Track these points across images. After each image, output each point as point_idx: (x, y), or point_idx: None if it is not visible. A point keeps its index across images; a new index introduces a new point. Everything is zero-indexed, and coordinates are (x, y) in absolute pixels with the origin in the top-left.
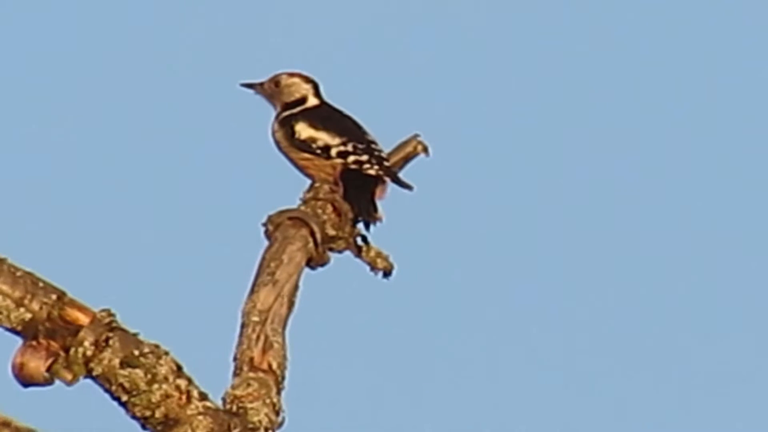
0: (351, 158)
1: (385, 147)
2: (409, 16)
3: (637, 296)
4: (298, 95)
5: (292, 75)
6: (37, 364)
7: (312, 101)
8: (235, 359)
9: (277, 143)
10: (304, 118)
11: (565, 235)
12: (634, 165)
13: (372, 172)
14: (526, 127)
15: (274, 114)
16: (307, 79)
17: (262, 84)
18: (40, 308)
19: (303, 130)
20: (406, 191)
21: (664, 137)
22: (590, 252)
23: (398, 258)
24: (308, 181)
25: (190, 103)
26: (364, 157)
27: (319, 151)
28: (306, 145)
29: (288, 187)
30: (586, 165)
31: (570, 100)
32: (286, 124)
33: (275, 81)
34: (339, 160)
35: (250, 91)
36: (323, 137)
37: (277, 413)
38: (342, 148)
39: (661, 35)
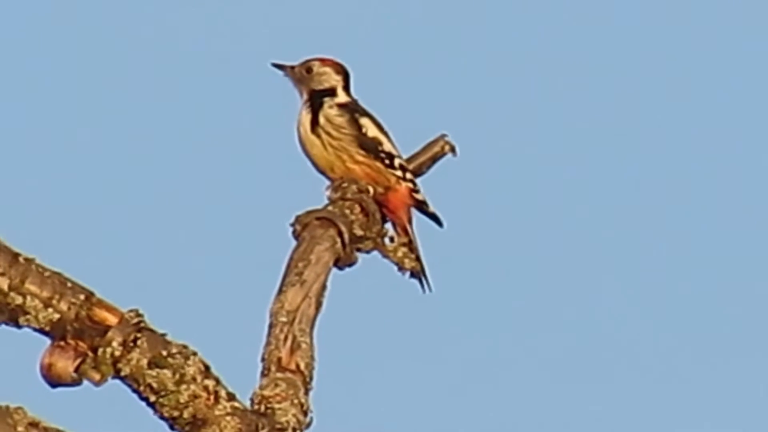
0: (408, 175)
1: (412, 147)
2: (435, 14)
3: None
4: (327, 85)
5: (324, 62)
6: (65, 365)
7: (341, 94)
8: (262, 359)
9: (336, 128)
10: (365, 114)
11: (589, 232)
12: (665, 165)
13: (420, 197)
14: (551, 126)
15: (303, 100)
16: (338, 70)
17: (293, 67)
18: (69, 308)
19: (369, 128)
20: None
21: (684, 138)
22: (615, 249)
23: (425, 258)
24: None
25: (218, 103)
26: (414, 177)
27: (383, 155)
28: (372, 145)
29: (315, 186)
30: (609, 164)
31: (593, 98)
32: (349, 113)
33: (307, 67)
34: (399, 173)
35: (274, 91)
36: (386, 142)
37: (305, 414)
38: (401, 161)
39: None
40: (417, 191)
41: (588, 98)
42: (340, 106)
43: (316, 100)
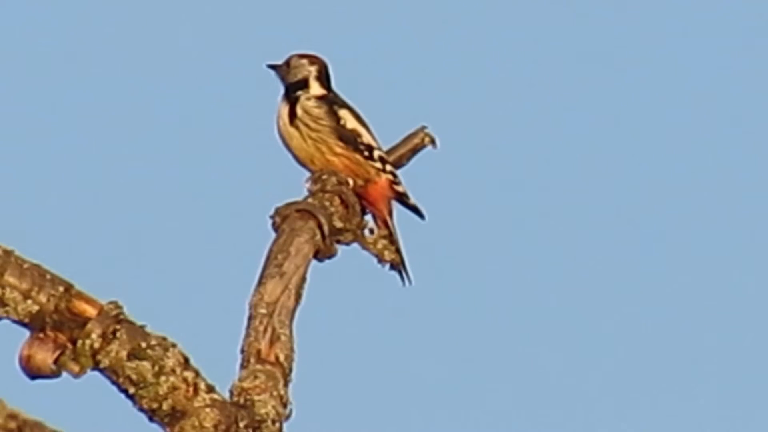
0: (389, 167)
1: (392, 139)
2: (415, 6)
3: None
4: (300, 76)
5: (301, 56)
6: (45, 357)
7: (314, 85)
8: (242, 351)
9: (314, 119)
10: (343, 106)
11: (570, 228)
12: (646, 161)
13: (401, 189)
14: (532, 118)
15: (282, 94)
16: (313, 61)
17: (281, 65)
18: (48, 300)
19: (348, 119)
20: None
21: (670, 135)
22: (598, 241)
23: (406, 250)
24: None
25: (199, 96)
26: (394, 169)
27: (362, 147)
28: (351, 137)
29: (295, 178)
30: (590, 155)
31: (574, 90)
32: (327, 105)
33: (287, 62)
34: (379, 165)
35: (254, 82)
36: (365, 134)
37: (285, 405)
38: (380, 153)
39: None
40: (397, 183)
41: (569, 90)
42: (318, 98)
43: (291, 92)
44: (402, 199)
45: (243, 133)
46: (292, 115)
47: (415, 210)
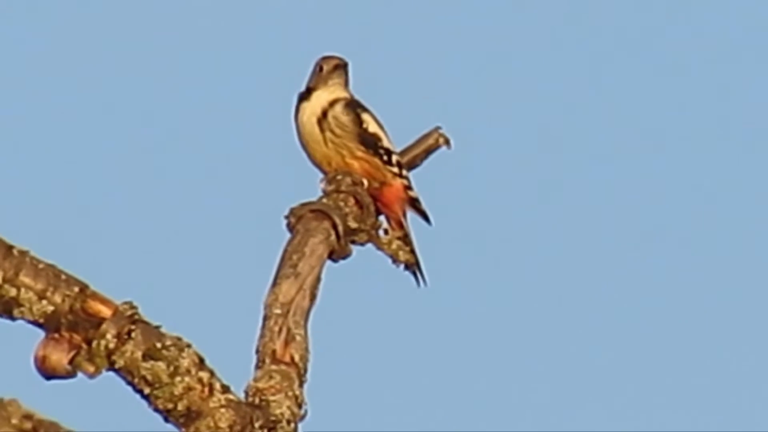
0: (405, 172)
1: (406, 140)
2: (430, 5)
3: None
4: (331, 83)
5: (330, 60)
6: (60, 357)
7: (344, 91)
8: (257, 352)
9: (341, 125)
10: (366, 110)
11: (586, 230)
12: (663, 163)
13: (413, 194)
14: (547, 119)
15: (312, 95)
16: (340, 64)
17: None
18: (63, 301)
19: (369, 123)
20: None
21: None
22: (610, 248)
23: (421, 252)
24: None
25: (212, 96)
26: (408, 174)
27: (381, 152)
28: (372, 141)
29: (310, 179)
30: (610, 163)
31: (589, 93)
32: (352, 111)
33: (319, 65)
34: (396, 170)
35: (269, 84)
36: (385, 139)
37: (300, 406)
38: (398, 158)
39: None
40: (411, 188)
41: (586, 92)
42: (347, 104)
43: (321, 96)
44: (413, 204)
45: (258, 133)
46: (320, 118)
47: (423, 215)
